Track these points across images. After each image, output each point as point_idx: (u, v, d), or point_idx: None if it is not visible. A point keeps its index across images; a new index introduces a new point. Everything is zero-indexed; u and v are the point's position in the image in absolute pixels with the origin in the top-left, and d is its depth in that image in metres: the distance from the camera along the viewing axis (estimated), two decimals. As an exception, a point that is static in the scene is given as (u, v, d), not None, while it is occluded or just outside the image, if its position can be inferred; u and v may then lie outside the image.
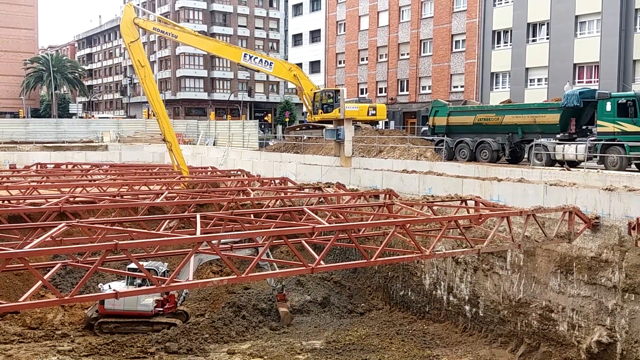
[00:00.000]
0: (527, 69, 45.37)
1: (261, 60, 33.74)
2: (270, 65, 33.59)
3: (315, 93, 34.37)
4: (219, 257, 17.58)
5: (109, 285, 21.30)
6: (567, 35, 42.12)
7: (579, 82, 40.99)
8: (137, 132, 56.83)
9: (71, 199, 21.69)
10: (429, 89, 54.08)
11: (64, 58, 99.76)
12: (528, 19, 44.85)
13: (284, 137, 48.12)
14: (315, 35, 69.07)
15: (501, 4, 47.41)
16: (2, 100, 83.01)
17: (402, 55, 56.75)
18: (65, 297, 11.49)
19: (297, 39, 72.52)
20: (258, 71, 35.15)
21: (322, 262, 13.85)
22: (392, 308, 24.60)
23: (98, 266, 11.92)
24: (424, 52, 54.75)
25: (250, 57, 33.44)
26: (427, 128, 33.12)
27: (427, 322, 22.90)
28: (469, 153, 27.57)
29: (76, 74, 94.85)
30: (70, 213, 18.65)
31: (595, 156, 22.82)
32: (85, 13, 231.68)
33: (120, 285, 21.08)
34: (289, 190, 25.91)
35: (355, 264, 18.58)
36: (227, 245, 18.99)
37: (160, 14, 76.21)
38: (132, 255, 12.84)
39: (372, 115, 37.35)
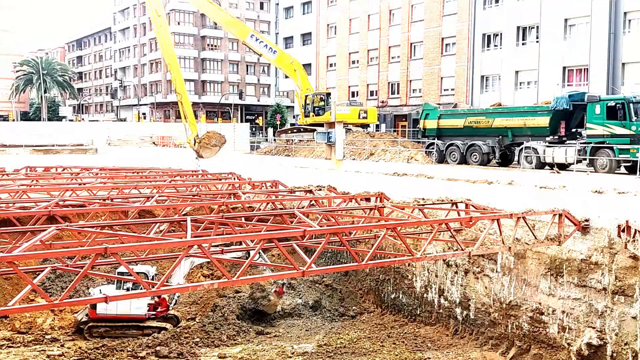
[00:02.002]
0: (516, 72, 45.59)
1: (266, 45, 33.79)
2: (274, 52, 33.63)
3: (306, 96, 34.41)
4: (209, 260, 17.53)
5: (100, 289, 21.18)
6: (557, 39, 42.36)
7: (568, 85, 41.23)
8: (127, 135, 56.73)
9: (61, 203, 21.53)
10: (420, 92, 54.20)
11: (54, 61, 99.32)
12: (518, 23, 45.08)
13: (275, 139, 48.09)
14: (306, 38, 69.10)
15: (491, 7, 47.62)
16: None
17: (393, 58, 56.86)
18: (55, 302, 11.42)
19: (288, 41, 72.49)
20: (261, 55, 35.10)
21: (313, 265, 13.82)
22: (383, 311, 24.61)
23: (88, 270, 11.85)
24: (414, 55, 54.89)
25: (257, 39, 33.54)
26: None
27: (418, 325, 22.91)
28: (459, 156, 27.69)
29: (66, 77, 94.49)
30: (60, 217, 18.49)
31: (585, 159, 22.97)
32: (76, 16, 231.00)
33: (111, 289, 20.97)
34: (280, 193, 25.88)
35: (346, 267, 18.62)
36: (217, 249, 18.93)
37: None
38: (123, 259, 12.78)
39: (363, 118, 37.49)
